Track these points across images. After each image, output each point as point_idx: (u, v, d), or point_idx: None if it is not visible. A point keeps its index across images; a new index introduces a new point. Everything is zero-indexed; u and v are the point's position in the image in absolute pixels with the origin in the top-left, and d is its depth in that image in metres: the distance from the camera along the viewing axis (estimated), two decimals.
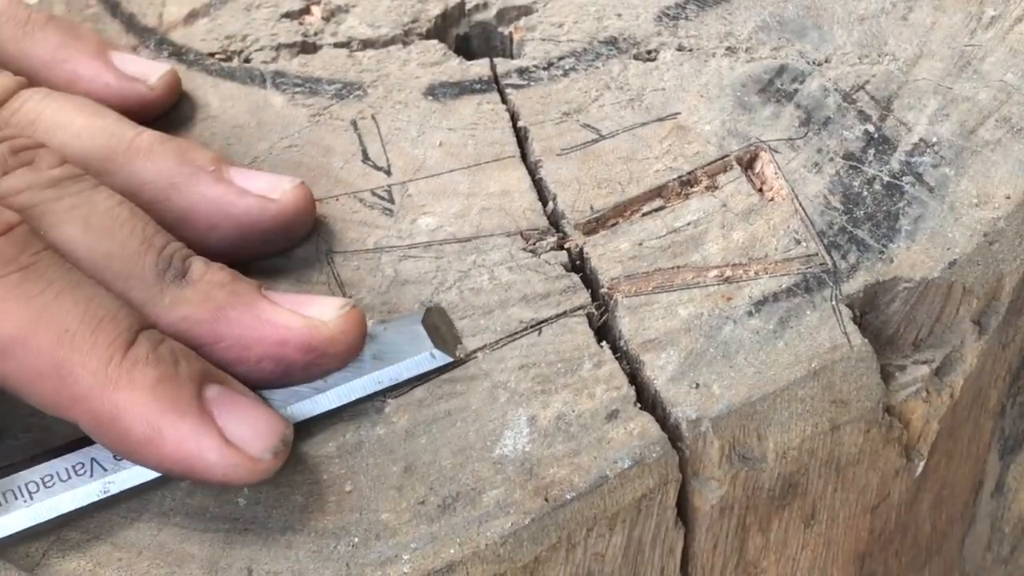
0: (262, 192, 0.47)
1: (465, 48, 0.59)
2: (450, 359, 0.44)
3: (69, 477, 0.42)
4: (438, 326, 0.45)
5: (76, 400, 0.40)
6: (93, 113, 0.47)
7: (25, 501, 0.41)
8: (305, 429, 0.43)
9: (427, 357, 0.44)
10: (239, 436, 0.40)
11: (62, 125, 0.46)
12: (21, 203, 0.42)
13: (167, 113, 0.53)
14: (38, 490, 0.41)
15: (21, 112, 0.47)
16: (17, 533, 0.41)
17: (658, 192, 0.50)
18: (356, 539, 0.41)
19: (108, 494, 0.42)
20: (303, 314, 0.43)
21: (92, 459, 0.42)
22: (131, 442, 0.40)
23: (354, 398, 0.43)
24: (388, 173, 0.51)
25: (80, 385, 0.40)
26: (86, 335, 0.40)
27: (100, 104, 0.49)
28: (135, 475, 0.42)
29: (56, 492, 0.41)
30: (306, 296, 0.44)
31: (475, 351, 0.45)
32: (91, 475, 0.42)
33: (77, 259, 0.42)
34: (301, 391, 0.43)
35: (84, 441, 0.42)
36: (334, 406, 0.43)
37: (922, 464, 0.50)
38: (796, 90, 0.53)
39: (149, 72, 0.52)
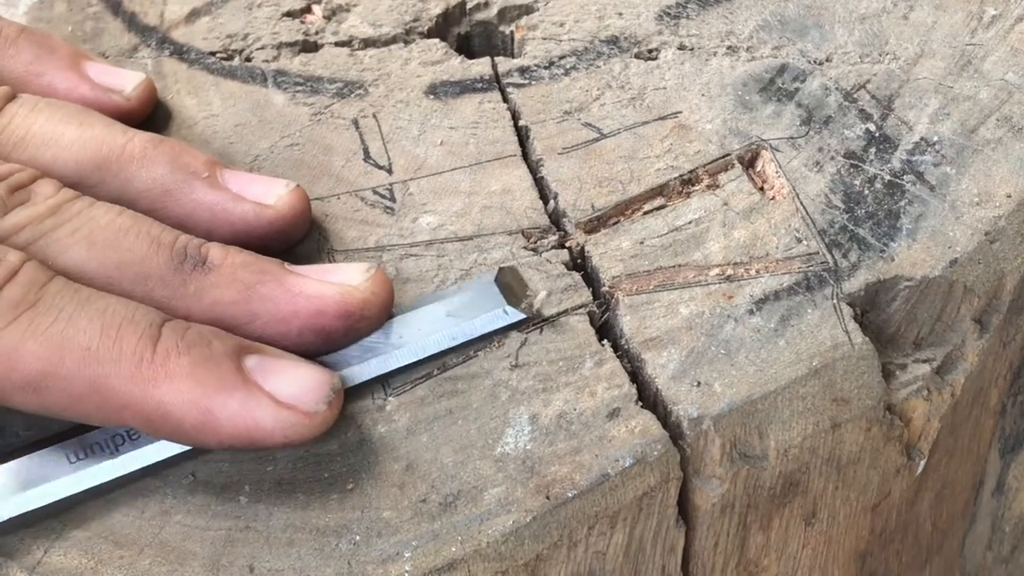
0: (257, 198, 0.47)
1: (466, 47, 0.59)
2: (523, 316, 0.45)
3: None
4: (511, 284, 0.46)
5: (122, 408, 0.40)
6: (82, 123, 0.47)
7: (111, 453, 0.42)
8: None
9: (500, 313, 0.45)
10: (289, 395, 0.40)
11: (53, 138, 0.46)
12: (24, 240, 0.43)
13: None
14: (124, 443, 0.42)
15: (10, 128, 0.46)
16: (105, 484, 0.42)
17: (659, 191, 0.50)
18: (358, 537, 0.41)
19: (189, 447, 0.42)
20: (332, 281, 0.44)
21: None
22: (187, 431, 0.40)
23: (430, 353, 0.44)
24: (389, 172, 0.51)
25: (119, 394, 0.40)
26: (109, 346, 0.40)
27: (87, 109, 0.49)
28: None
29: (141, 444, 0.42)
30: (329, 265, 0.45)
31: (478, 350, 0.45)
32: None
33: (91, 278, 0.42)
34: (377, 347, 0.44)
35: None
36: (411, 360, 0.44)
37: (923, 463, 0.50)
38: (797, 89, 0.53)
39: (124, 82, 0.52)
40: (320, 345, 0.43)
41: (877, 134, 0.51)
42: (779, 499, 0.47)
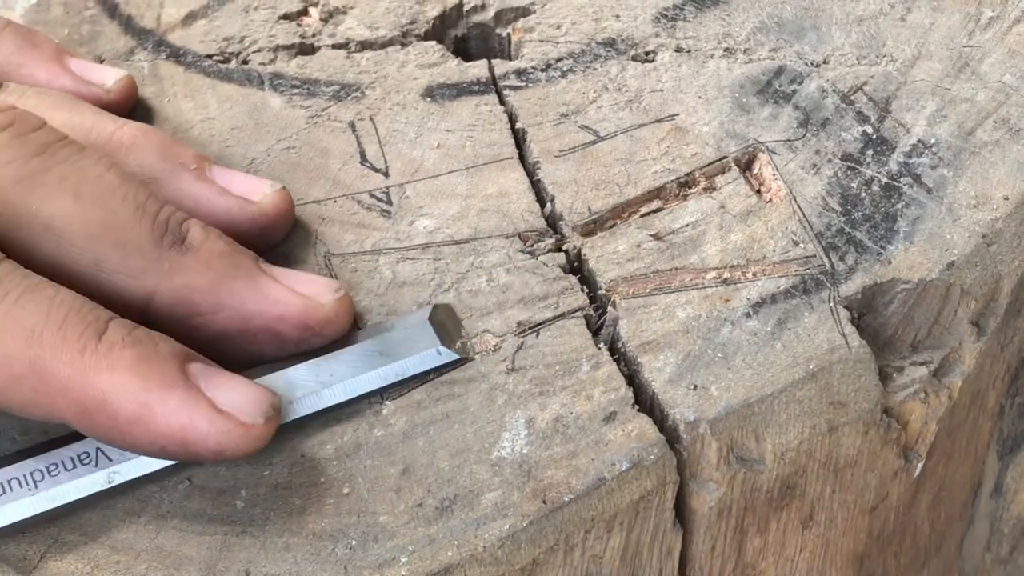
0: (243, 194, 0.47)
1: (463, 49, 0.59)
2: (456, 356, 0.44)
3: (74, 466, 0.42)
4: (445, 323, 0.45)
5: (58, 393, 0.40)
6: (71, 108, 0.47)
7: (30, 490, 0.41)
8: (302, 430, 0.43)
9: (433, 354, 0.44)
10: (229, 403, 0.40)
11: None
12: (10, 176, 0.42)
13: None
14: (43, 479, 0.41)
15: None
16: (21, 522, 0.41)
17: (656, 193, 0.50)
18: (354, 541, 0.41)
19: (113, 484, 0.42)
20: (301, 293, 0.44)
21: (97, 449, 0.42)
22: (121, 424, 0.40)
23: (360, 393, 0.44)
24: (386, 175, 0.51)
25: (58, 378, 0.39)
26: (54, 330, 0.40)
27: (76, 98, 0.49)
28: (140, 465, 0.42)
29: (61, 481, 0.41)
30: (302, 274, 0.45)
31: (476, 352, 0.45)
32: (96, 464, 0.42)
33: (72, 232, 0.42)
34: (307, 385, 0.43)
35: None
36: (339, 400, 0.43)
37: (920, 465, 0.50)
38: (794, 91, 0.53)
39: (106, 76, 0.52)
40: (272, 348, 0.43)
41: (874, 136, 0.51)
42: (776, 502, 0.47)
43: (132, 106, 0.53)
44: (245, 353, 0.43)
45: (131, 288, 0.43)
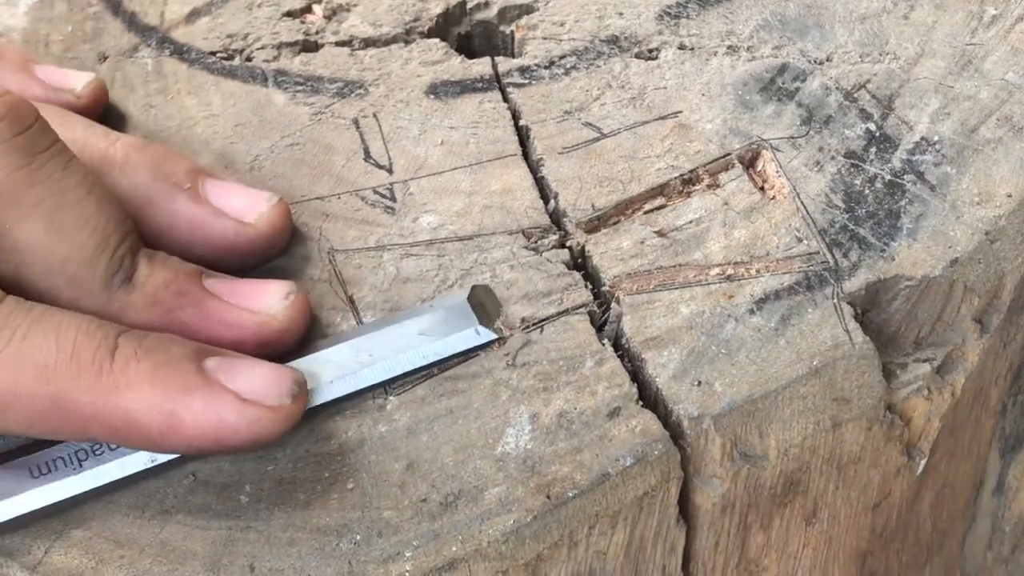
0: (238, 214, 0.46)
1: (467, 47, 0.59)
2: (494, 336, 0.45)
3: (118, 445, 0.42)
4: (484, 303, 0.45)
5: (86, 421, 0.40)
6: (62, 123, 0.45)
7: (74, 468, 0.42)
8: (307, 425, 0.43)
9: (472, 333, 0.45)
10: (252, 390, 0.40)
11: None
12: None
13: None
14: (87, 458, 0.42)
15: None
16: (66, 500, 0.42)
17: (660, 190, 0.50)
18: (358, 536, 0.41)
19: (155, 463, 0.42)
20: (251, 309, 0.43)
21: None
22: (154, 436, 0.40)
23: (400, 372, 0.44)
24: (390, 171, 0.51)
25: (82, 406, 0.40)
26: (66, 360, 0.40)
27: (67, 112, 0.48)
28: None
29: (105, 460, 0.42)
30: (249, 284, 0.45)
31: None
32: None
33: (33, 261, 0.42)
34: (347, 364, 0.43)
35: None
36: (380, 379, 0.44)
37: (923, 462, 0.50)
38: (798, 89, 0.53)
39: (75, 81, 0.52)
40: None
41: (877, 134, 0.51)
42: (780, 499, 0.47)
43: (103, 108, 0.53)
44: None
45: None
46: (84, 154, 0.45)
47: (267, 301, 0.44)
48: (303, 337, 0.45)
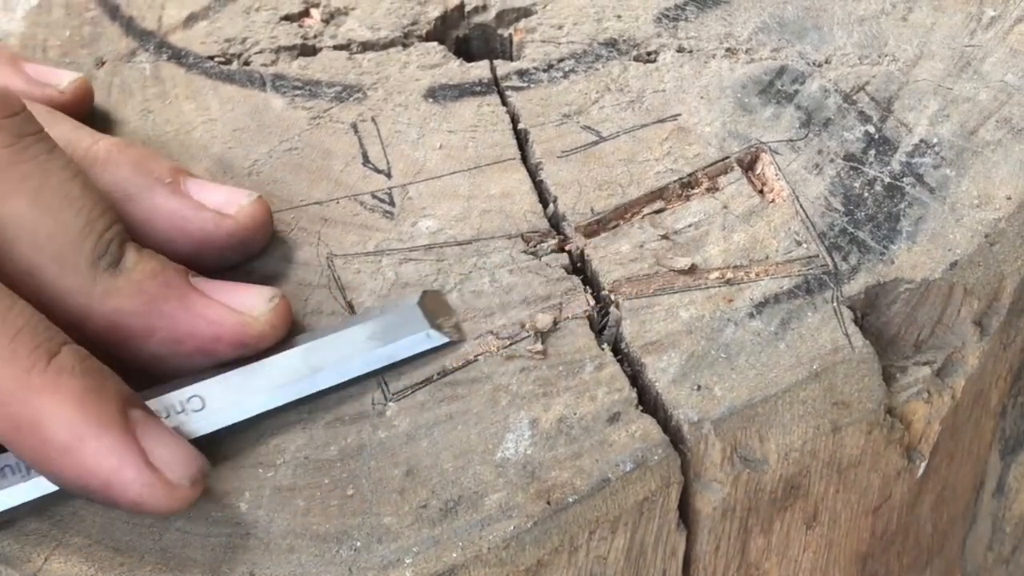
0: (218, 207, 0.46)
1: (465, 50, 0.59)
2: (446, 339, 0.45)
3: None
4: (435, 308, 0.45)
5: None
6: (48, 121, 0.46)
7: (23, 476, 0.41)
8: (306, 432, 0.43)
9: (423, 337, 0.44)
10: (160, 458, 0.40)
11: None
12: None
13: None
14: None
15: None
16: (16, 507, 0.41)
17: (659, 194, 0.50)
18: (358, 543, 0.41)
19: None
20: (234, 308, 0.43)
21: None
22: (51, 450, 0.39)
23: (350, 377, 0.44)
24: (388, 176, 0.51)
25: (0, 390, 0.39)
26: (4, 342, 0.39)
27: (54, 111, 0.48)
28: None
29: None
30: (234, 285, 0.44)
31: (478, 354, 0.45)
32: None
33: (18, 237, 0.41)
34: (298, 369, 0.43)
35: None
36: (331, 383, 0.43)
37: (923, 465, 0.50)
38: (796, 91, 0.53)
39: (60, 78, 0.52)
40: (205, 366, 0.43)
41: (876, 136, 0.51)
42: (780, 502, 0.47)
43: (88, 108, 0.53)
44: (180, 372, 0.43)
45: (64, 304, 0.42)
46: (68, 150, 0.45)
47: (251, 303, 0.44)
48: (280, 340, 0.44)
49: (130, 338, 0.43)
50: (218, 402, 0.43)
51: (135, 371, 0.43)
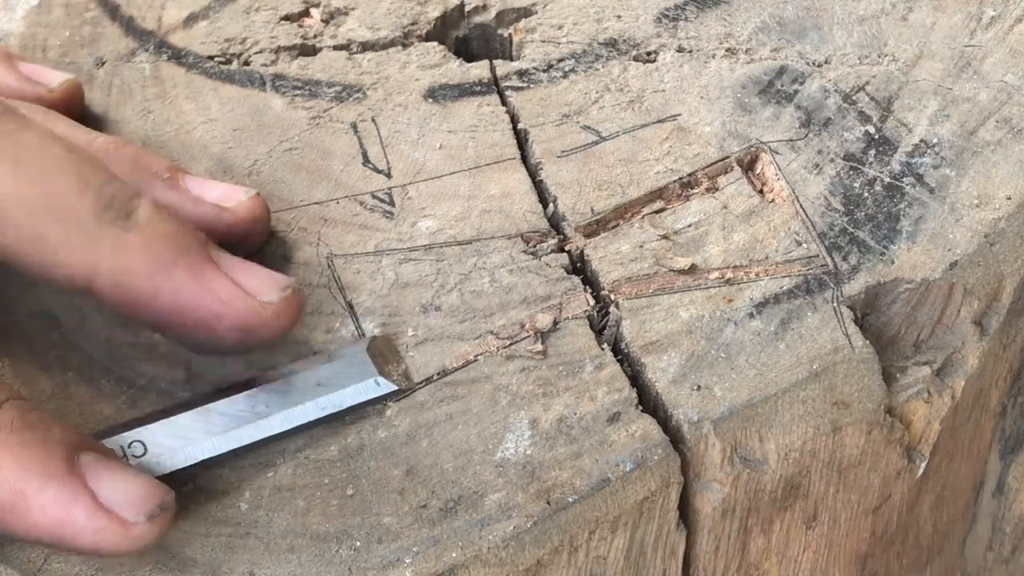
0: (216, 201, 0.46)
1: (464, 50, 0.59)
2: (395, 387, 0.44)
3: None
4: (384, 353, 0.45)
5: None
6: (44, 119, 0.45)
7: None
8: (307, 432, 0.43)
9: (372, 384, 0.43)
10: (112, 499, 0.39)
11: None
12: None
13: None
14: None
15: None
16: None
17: (659, 194, 0.50)
18: (358, 543, 0.41)
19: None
20: (246, 289, 0.42)
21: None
22: None
23: (297, 423, 0.43)
24: (388, 176, 0.51)
25: None
26: None
27: (50, 111, 0.48)
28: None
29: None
30: (252, 266, 0.43)
31: (478, 354, 0.45)
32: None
33: (10, 206, 0.40)
34: (243, 415, 0.42)
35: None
36: (277, 431, 0.43)
37: (923, 465, 0.50)
38: (796, 91, 0.53)
39: (51, 78, 0.52)
40: (206, 344, 0.42)
41: (876, 136, 0.51)
42: (780, 502, 0.47)
43: (78, 109, 0.52)
44: (183, 345, 0.42)
45: (72, 265, 0.41)
46: None
47: (264, 288, 0.43)
48: (282, 335, 0.43)
49: (135, 300, 0.41)
50: (160, 447, 0.42)
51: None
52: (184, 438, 0.42)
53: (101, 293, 0.41)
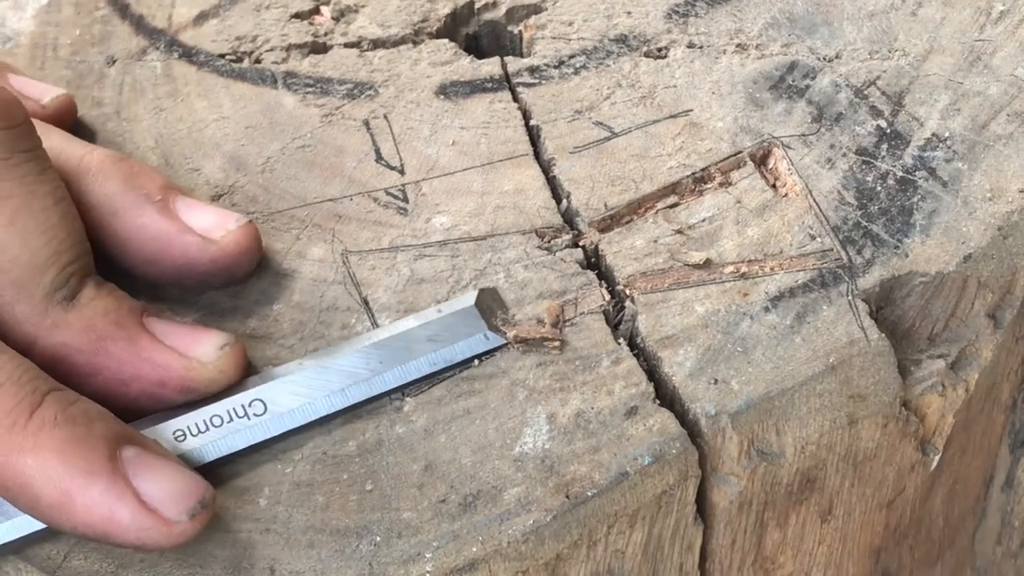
0: (205, 231, 0.46)
1: (475, 47, 0.59)
2: (503, 341, 0.45)
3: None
4: (491, 306, 0.45)
5: None
6: (42, 132, 0.45)
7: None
8: (325, 428, 0.43)
9: (481, 339, 0.44)
10: (154, 497, 0.39)
11: None
12: None
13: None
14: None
15: None
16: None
17: (672, 189, 0.50)
18: (378, 538, 0.41)
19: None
20: (184, 353, 0.43)
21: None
22: (43, 508, 0.39)
23: (410, 379, 0.44)
24: (402, 172, 0.51)
25: None
26: None
27: (47, 124, 0.48)
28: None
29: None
30: (189, 328, 0.44)
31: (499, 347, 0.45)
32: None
33: None
34: (358, 372, 0.43)
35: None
36: (392, 386, 0.44)
37: (937, 458, 0.50)
38: (807, 86, 0.53)
39: (43, 92, 0.52)
40: (153, 408, 0.43)
41: (888, 130, 0.51)
42: (796, 496, 0.47)
43: (70, 124, 0.52)
44: (126, 413, 0.42)
45: (13, 329, 0.42)
46: (60, 160, 0.45)
47: (202, 348, 0.43)
48: (230, 385, 0.43)
49: (74, 375, 0.42)
50: (279, 406, 0.43)
51: None
52: (303, 396, 0.43)
53: (40, 367, 0.41)
